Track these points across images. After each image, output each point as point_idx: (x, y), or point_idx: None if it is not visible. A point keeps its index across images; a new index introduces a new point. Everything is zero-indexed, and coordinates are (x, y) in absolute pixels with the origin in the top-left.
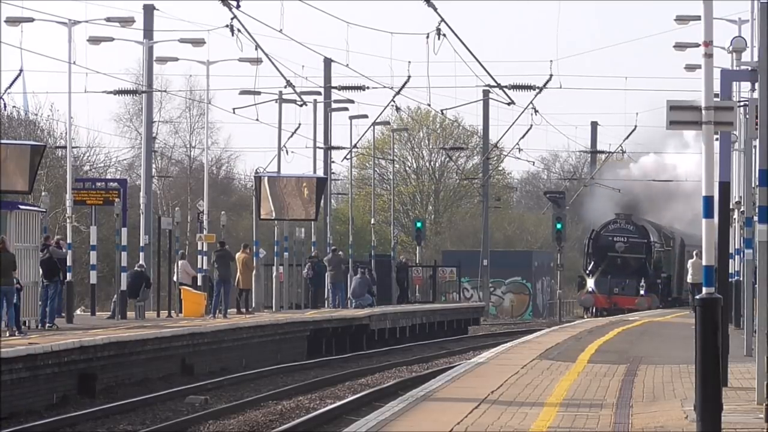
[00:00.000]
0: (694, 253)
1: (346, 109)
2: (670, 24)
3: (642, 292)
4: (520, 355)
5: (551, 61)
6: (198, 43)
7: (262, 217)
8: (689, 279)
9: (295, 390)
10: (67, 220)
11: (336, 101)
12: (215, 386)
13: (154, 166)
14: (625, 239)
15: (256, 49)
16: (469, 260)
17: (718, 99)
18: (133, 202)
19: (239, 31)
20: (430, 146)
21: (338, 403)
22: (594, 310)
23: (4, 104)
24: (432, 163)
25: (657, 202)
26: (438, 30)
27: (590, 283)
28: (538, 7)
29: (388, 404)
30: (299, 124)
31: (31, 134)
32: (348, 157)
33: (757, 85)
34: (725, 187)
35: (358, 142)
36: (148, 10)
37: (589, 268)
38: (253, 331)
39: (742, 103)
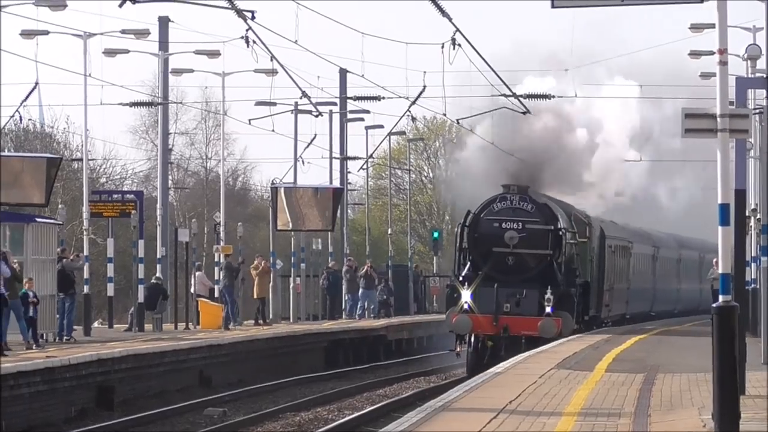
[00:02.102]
0: (714, 261)
1: (361, 119)
2: (685, 32)
3: (548, 308)
4: (537, 364)
5: (566, 69)
6: (213, 54)
7: (278, 228)
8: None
9: (313, 401)
10: (84, 233)
11: (352, 112)
12: (233, 398)
13: (170, 177)
14: (519, 226)
15: (271, 60)
16: None
17: (733, 107)
18: (150, 214)
19: (254, 42)
20: (446, 156)
21: (356, 414)
22: (472, 339)
23: (20, 117)
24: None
25: (568, 173)
26: (453, 40)
27: (466, 295)
28: (552, 16)
29: (406, 415)
30: (315, 135)
31: (47, 147)
32: (364, 167)
33: None
34: (741, 195)
35: (374, 152)
36: (163, 22)
37: (464, 273)
38: (270, 342)
39: (757, 111)
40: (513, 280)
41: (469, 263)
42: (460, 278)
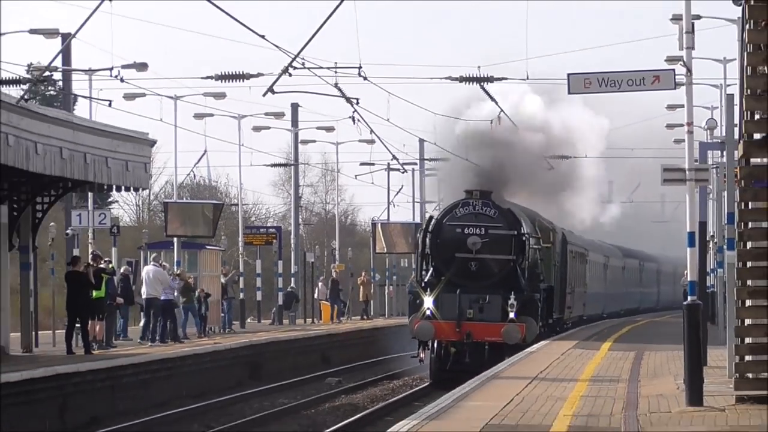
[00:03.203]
0: (684, 272)
1: (434, 174)
2: (662, 110)
3: (512, 314)
4: (560, 346)
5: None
6: (329, 129)
7: (377, 251)
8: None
9: (403, 372)
10: (240, 256)
11: (428, 169)
12: (346, 371)
13: (300, 217)
14: (482, 231)
15: (370, 133)
16: None
17: (698, 163)
18: (286, 242)
19: (358, 120)
20: None
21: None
22: (435, 346)
23: (194, 175)
24: None
25: (538, 181)
26: (499, 117)
27: (428, 301)
28: (560, 105)
29: (467, 382)
30: (402, 186)
31: (213, 196)
32: (437, 208)
33: (724, 152)
34: (703, 225)
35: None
36: (294, 107)
37: (427, 279)
38: (372, 332)
39: (714, 166)
40: (476, 285)
41: (431, 269)
42: (423, 284)
